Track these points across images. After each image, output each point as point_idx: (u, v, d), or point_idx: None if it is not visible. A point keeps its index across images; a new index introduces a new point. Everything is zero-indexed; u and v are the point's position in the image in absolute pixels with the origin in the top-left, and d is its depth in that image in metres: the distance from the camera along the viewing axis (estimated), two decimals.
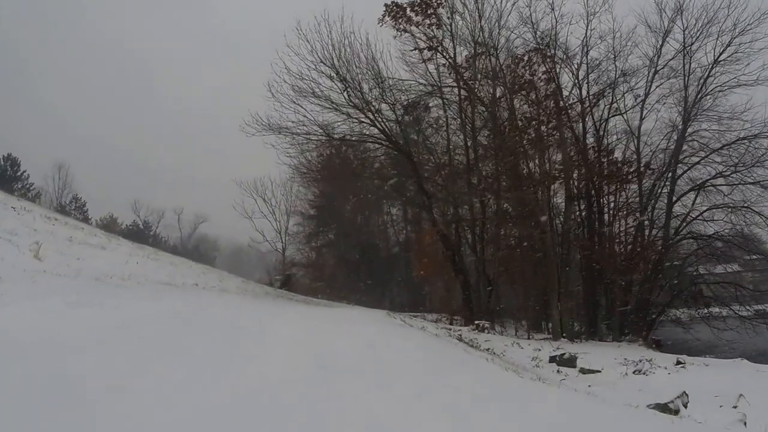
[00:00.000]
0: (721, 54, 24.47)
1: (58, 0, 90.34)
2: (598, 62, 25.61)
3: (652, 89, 25.97)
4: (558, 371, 14.60)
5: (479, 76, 24.64)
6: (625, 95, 25.75)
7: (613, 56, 25.31)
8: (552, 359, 16.09)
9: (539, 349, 17.53)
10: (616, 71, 25.51)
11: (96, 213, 59.76)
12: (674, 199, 25.40)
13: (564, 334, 22.51)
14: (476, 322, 20.84)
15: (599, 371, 14.76)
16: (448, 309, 27.52)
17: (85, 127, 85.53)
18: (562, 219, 25.28)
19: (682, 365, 14.78)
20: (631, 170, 24.86)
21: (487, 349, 16.05)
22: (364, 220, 45.81)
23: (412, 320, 18.71)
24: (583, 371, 14.85)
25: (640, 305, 25.46)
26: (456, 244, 25.41)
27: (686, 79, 25.25)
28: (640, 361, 14.73)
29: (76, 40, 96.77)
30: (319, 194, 44.66)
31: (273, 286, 35.35)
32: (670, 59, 25.50)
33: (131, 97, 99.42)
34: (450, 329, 18.27)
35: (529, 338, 22.06)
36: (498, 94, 24.89)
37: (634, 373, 14.12)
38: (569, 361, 15.75)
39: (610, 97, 26.02)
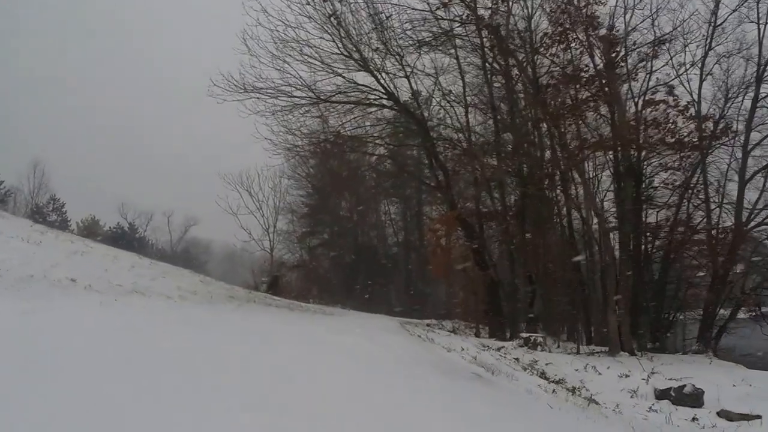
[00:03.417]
0: None
1: None
2: (633, 27, 19.49)
3: (712, 46, 19.78)
4: (695, 420, 8.24)
5: (510, 21, 18.15)
6: (685, 50, 19.48)
7: (651, 20, 19.15)
8: (663, 394, 9.72)
9: (626, 375, 11.11)
10: (655, 35, 19.35)
11: (78, 216, 52.54)
12: (747, 176, 19.12)
13: (623, 348, 16.11)
14: (522, 335, 14.44)
15: (758, 417, 8.39)
16: (465, 315, 20.98)
17: (65, 122, 75.84)
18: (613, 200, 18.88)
19: None
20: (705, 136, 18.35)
21: (559, 381, 9.69)
22: (360, 217, 39.43)
23: (437, 335, 12.33)
24: (730, 417, 8.51)
25: (707, 308, 19.12)
26: (480, 234, 18.85)
27: (761, 31, 18.99)
28: None
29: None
30: (312, 190, 38.45)
31: (258, 289, 29.16)
32: (735, 8, 19.27)
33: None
34: (499, 349, 11.80)
35: (578, 352, 15.73)
36: (533, 45, 18.44)
37: None
38: (693, 399, 9.45)
39: (650, 65, 19.87)
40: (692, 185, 19.82)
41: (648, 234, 20.00)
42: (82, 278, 7.52)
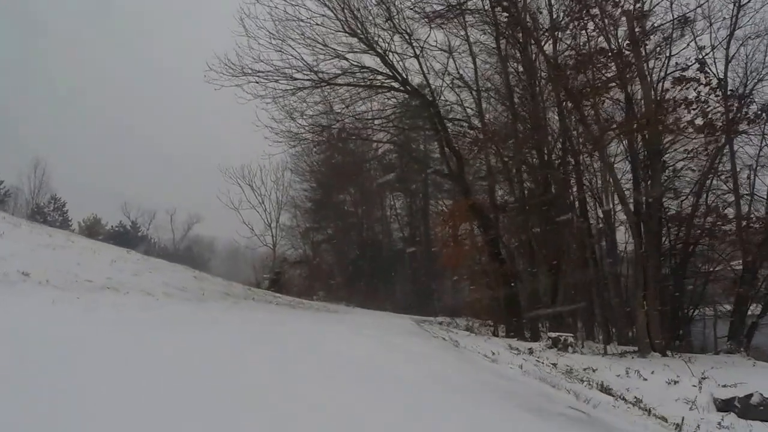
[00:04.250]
0: None
1: None
2: (653, 6, 17.92)
3: (738, 25, 18.30)
4: None
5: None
6: (710, 29, 17.99)
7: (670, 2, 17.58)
8: (726, 405, 8.28)
9: (675, 381, 9.64)
10: (673, 15, 17.80)
11: (81, 215, 50.94)
12: None
13: (654, 347, 14.66)
14: (551, 335, 13.04)
15: None
16: (479, 311, 19.46)
17: (66, 121, 73.42)
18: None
19: None
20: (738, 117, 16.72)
21: (609, 389, 8.24)
22: (365, 213, 38.07)
23: (457, 335, 10.92)
24: None
25: (738, 304, 17.66)
26: (495, 224, 17.33)
27: None
28: None
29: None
30: (316, 184, 36.96)
31: (261, 285, 27.81)
32: None
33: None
34: (531, 352, 10.34)
35: (605, 353, 14.30)
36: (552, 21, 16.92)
37: None
38: (764, 411, 7.98)
39: (668, 49, 18.33)
40: (719, 172, 18.31)
41: (676, 224, 18.52)
42: (41, 273, 6.12)
